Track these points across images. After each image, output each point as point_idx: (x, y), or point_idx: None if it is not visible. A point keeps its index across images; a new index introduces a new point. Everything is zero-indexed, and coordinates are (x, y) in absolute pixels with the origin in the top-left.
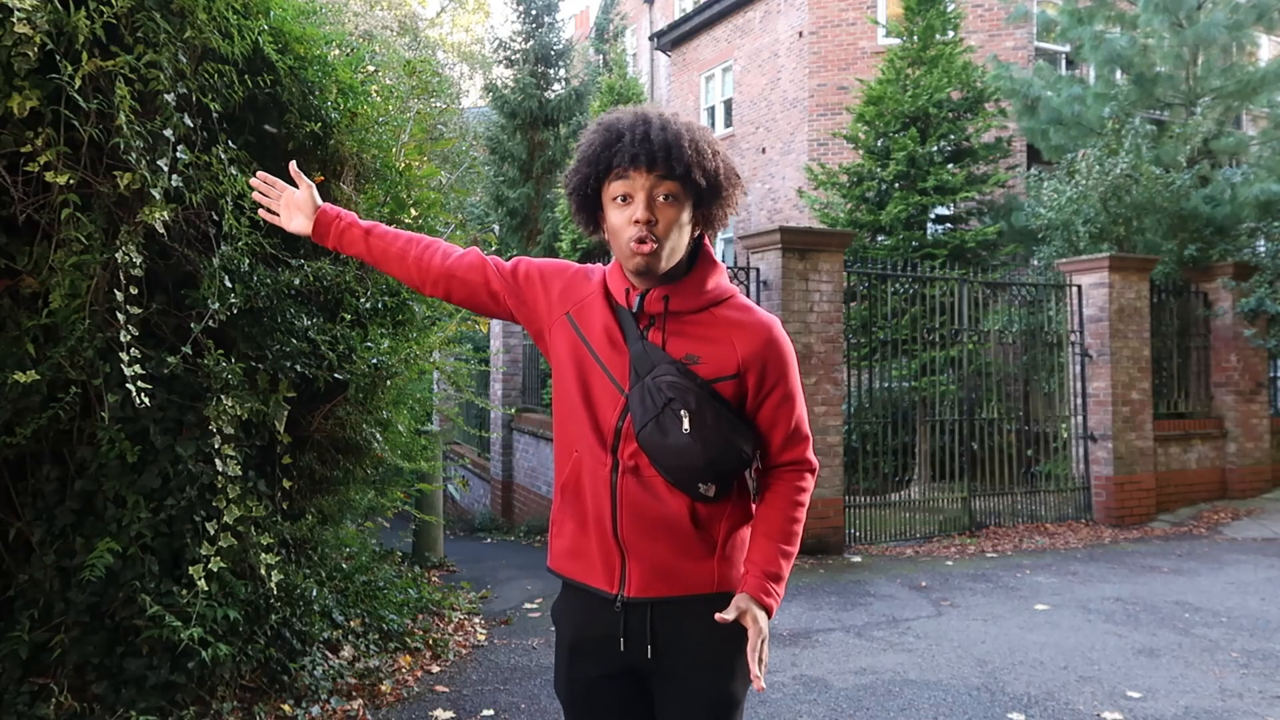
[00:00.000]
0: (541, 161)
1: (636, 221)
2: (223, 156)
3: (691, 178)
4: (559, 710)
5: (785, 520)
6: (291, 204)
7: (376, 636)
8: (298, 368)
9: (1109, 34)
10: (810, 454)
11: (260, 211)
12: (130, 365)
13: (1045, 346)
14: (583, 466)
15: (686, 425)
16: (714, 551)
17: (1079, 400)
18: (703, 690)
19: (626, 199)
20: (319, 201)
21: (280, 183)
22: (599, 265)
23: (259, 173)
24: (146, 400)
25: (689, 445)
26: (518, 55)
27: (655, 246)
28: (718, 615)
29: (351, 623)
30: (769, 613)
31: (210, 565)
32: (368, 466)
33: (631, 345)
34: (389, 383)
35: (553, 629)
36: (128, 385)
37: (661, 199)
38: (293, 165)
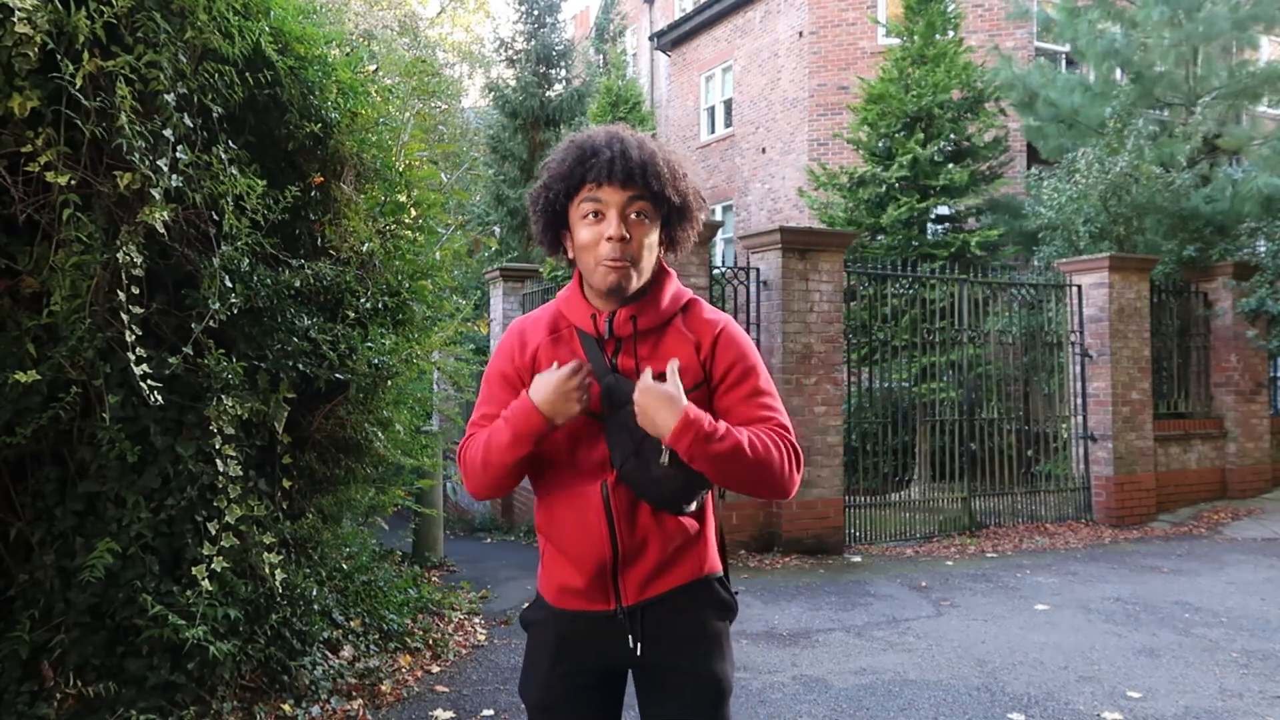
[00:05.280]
0: (542, 161)
1: (610, 238)
2: (223, 156)
3: (665, 195)
4: None
5: (752, 433)
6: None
7: (376, 636)
8: (298, 367)
9: (1108, 30)
10: (793, 439)
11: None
12: (138, 364)
13: (1045, 346)
14: (555, 506)
15: (666, 458)
16: (700, 539)
17: (1079, 400)
18: (696, 674)
19: (598, 215)
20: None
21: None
22: (541, 307)
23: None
24: (159, 398)
25: (671, 475)
26: (519, 55)
27: (627, 265)
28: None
29: (351, 622)
30: (682, 415)
31: (213, 565)
32: (368, 465)
33: (602, 377)
34: (389, 382)
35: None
36: (140, 384)
37: (633, 216)
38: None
